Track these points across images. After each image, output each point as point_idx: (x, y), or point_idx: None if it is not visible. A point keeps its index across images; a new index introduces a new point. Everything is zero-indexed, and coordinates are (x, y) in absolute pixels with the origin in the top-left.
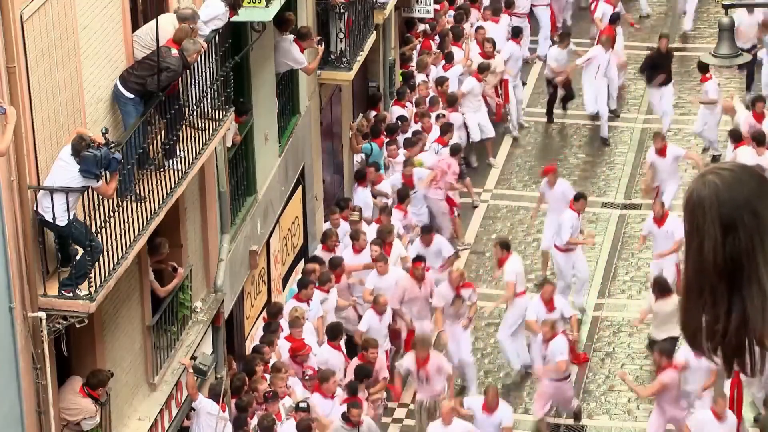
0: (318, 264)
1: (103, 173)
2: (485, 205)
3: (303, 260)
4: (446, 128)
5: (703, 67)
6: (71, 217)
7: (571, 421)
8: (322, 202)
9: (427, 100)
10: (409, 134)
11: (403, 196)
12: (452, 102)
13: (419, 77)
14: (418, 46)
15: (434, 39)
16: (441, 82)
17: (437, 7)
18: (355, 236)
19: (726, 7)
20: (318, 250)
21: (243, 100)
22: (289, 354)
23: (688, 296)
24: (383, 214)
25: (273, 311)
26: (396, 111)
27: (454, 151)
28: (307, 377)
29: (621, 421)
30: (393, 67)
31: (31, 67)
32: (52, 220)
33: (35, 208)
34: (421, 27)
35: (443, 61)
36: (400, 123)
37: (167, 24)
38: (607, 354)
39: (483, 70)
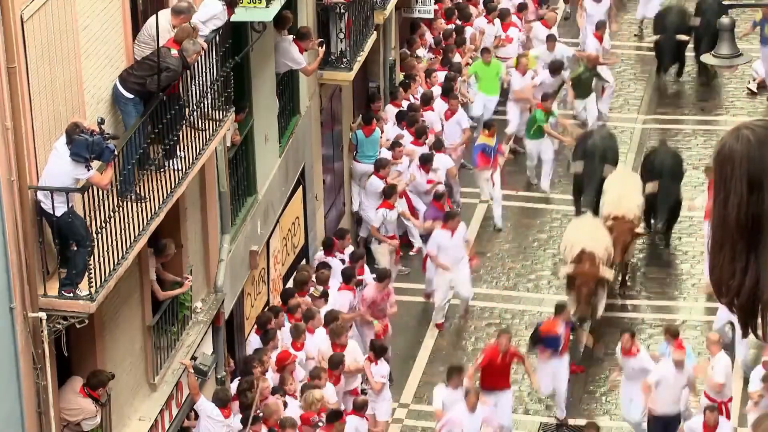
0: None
1: (93, 159)
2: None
3: (304, 260)
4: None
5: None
6: (69, 207)
7: (572, 421)
8: (323, 202)
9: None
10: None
11: (348, 276)
12: (427, 100)
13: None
14: (425, 55)
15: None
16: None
17: (436, 7)
18: (309, 315)
19: (726, 7)
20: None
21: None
22: (275, 365)
23: (712, 248)
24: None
25: (262, 321)
26: (391, 110)
27: (381, 278)
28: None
29: (621, 421)
30: (393, 67)
31: (31, 67)
32: (50, 210)
33: (35, 198)
34: (429, 38)
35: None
36: (411, 113)
37: (164, 22)
38: (607, 354)
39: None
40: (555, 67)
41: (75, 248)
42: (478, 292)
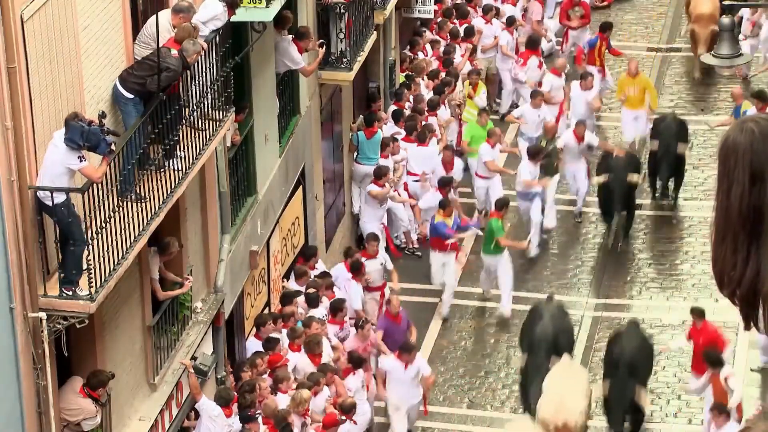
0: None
1: (87, 148)
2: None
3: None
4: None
5: None
6: (65, 199)
7: None
8: (323, 202)
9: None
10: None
11: (336, 308)
12: (434, 106)
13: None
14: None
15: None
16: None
17: (436, 7)
18: (292, 336)
19: (726, 7)
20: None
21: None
22: (267, 366)
23: (715, 239)
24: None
25: (259, 322)
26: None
27: (360, 325)
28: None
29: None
30: (393, 67)
31: (32, 67)
32: (48, 203)
33: (36, 196)
34: (436, 41)
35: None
36: (407, 114)
37: (164, 21)
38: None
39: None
40: (534, 152)
41: (72, 248)
42: (478, 292)
